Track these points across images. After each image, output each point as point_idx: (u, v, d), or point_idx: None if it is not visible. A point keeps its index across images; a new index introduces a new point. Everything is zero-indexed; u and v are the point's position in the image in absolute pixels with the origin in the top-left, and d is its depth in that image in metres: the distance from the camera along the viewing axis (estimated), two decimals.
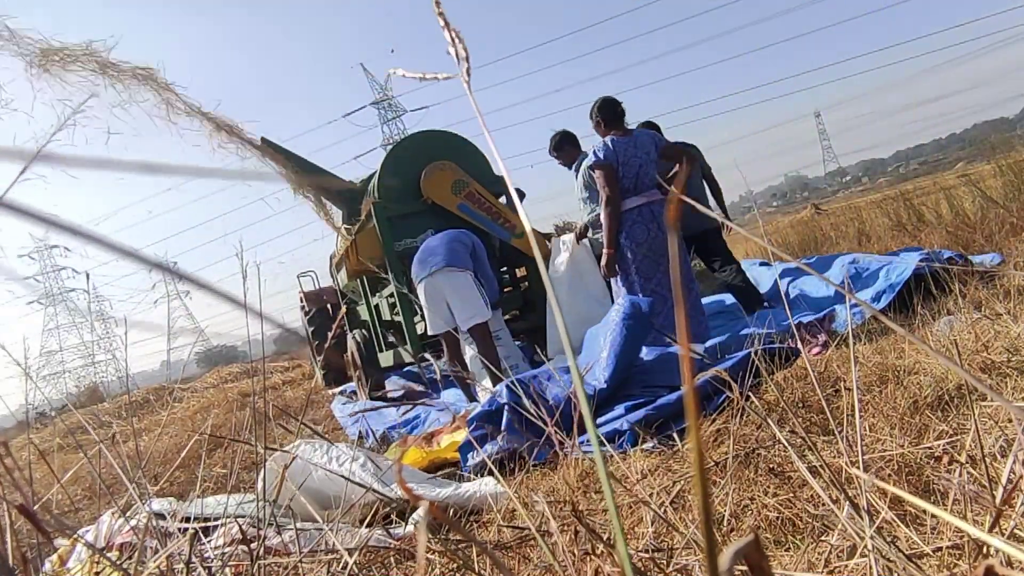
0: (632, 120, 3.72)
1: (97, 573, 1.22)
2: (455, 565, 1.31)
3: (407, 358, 4.98)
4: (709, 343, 3.40)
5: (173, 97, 4.80)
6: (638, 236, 3.45)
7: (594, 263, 4.31)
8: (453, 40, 0.45)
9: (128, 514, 1.45)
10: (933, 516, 1.08)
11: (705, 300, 4.59)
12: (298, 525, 1.41)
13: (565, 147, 4.34)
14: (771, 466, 1.49)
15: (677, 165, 3.61)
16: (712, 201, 4.50)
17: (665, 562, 1.07)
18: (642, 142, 3.47)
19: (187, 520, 1.53)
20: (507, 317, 4.94)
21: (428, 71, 0.50)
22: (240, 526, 1.16)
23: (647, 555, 1.10)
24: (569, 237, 4.62)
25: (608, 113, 3.53)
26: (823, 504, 1.23)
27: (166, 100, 4.76)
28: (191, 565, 1.03)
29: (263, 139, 5.57)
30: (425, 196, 4.69)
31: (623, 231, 3.48)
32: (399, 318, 4.69)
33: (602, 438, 1.62)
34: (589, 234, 4.47)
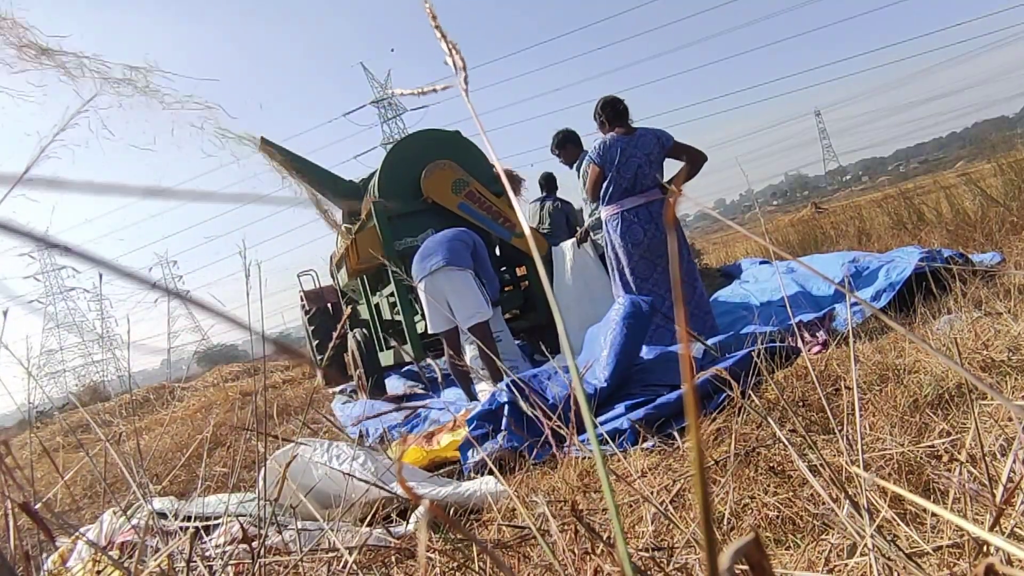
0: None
1: (98, 572, 1.22)
2: (455, 564, 1.31)
3: (407, 357, 4.98)
4: (710, 341, 3.40)
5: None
6: (636, 237, 3.44)
7: (598, 265, 4.31)
8: (451, 51, 0.46)
9: (129, 513, 1.45)
10: (933, 515, 1.08)
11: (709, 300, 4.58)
12: (299, 524, 1.41)
13: (567, 146, 4.34)
14: (771, 465, 1.49)
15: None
16: None
17: (665, 561, 1.07)
18: (644, 142, 3.45)
19: (188, 519, 1.53)
20: (507, 316, 4.95)
21: (426, 84, 0.51)
22: (241, 525, 1.16)
23: (647, 554, 1.10)
24: (570, 243, 4.62)
25: (610, 112, 3.52)
26: (823, 503, 1.23)
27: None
28: (192, 564, 1.04)
29: (263, 139, 5.58)
30: (425, 195, 4.69)
31: (621, 231, 3.47)
32: (399, 317, 4.69)
33: (605, 435, 1.62)
34: (591, 236, 4.47)
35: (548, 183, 5.66)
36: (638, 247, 3.44)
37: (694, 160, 3.49)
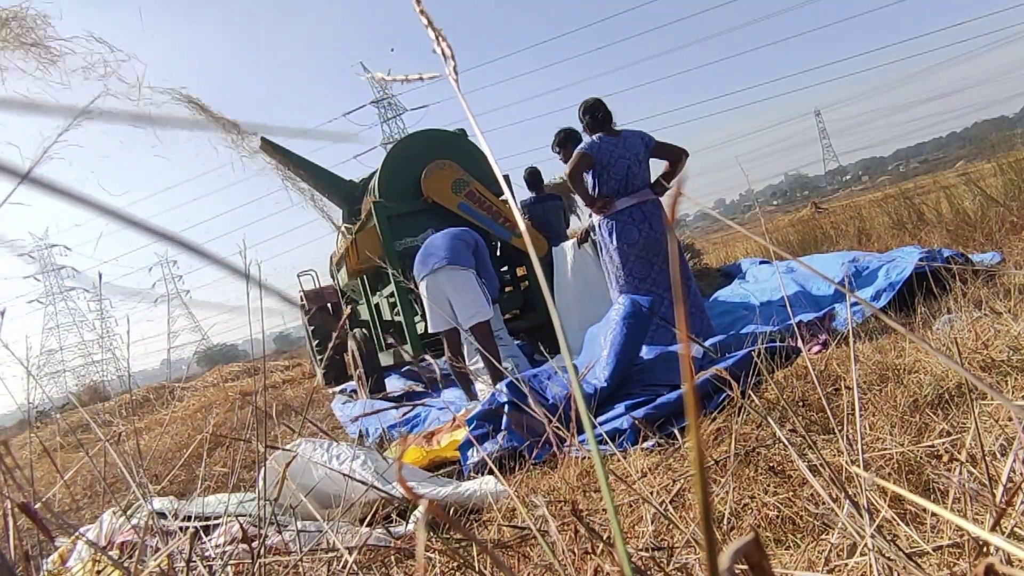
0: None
1: (98, 572, 1.22)
2: (455, 564, 1.31)
3: (407, 357, 4.98)
4: (709, 341, 3.40)
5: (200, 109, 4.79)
6: (631, 237, 3.44)
7: (599, 265, 4.32)
8: (437, 39, 0.45)
9: (129, 513, 1.45)
10: (933, 515, 1.08)
11: (709, 300, 4.59)
12: (298, 524, 1.41)
13: (568, 145, 4.34)
14: (771, 465, 1.49)
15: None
16: None
17: (665, 561, 1.07)
18: (631, 143, 3.46)
19: (188, 519, 1.53)
20: (507, 316, 4.94)
21: (412, 72, 0.50)
22: (241, 525, 1.16)
23: (647, 554, 1.10)
24: (570, 243, 4.62)
25: (589, 120, 3.54)
26: (823, 503, 1.23)
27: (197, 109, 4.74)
28: (192, 563, 1.04)
29: (263, 139, 5.58)
30: (425, 195, 4.69)
31: (616, 232, 3.47)
32: (399, 317, 4.69)
33: (604, 435, 1.62)
34: (591, 237, 4.46)
35: (533, 180, 5.58)
36: (634, 247, 3.44)
37: (678, 157, 3.50)
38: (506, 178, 5.28)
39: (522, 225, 0.44)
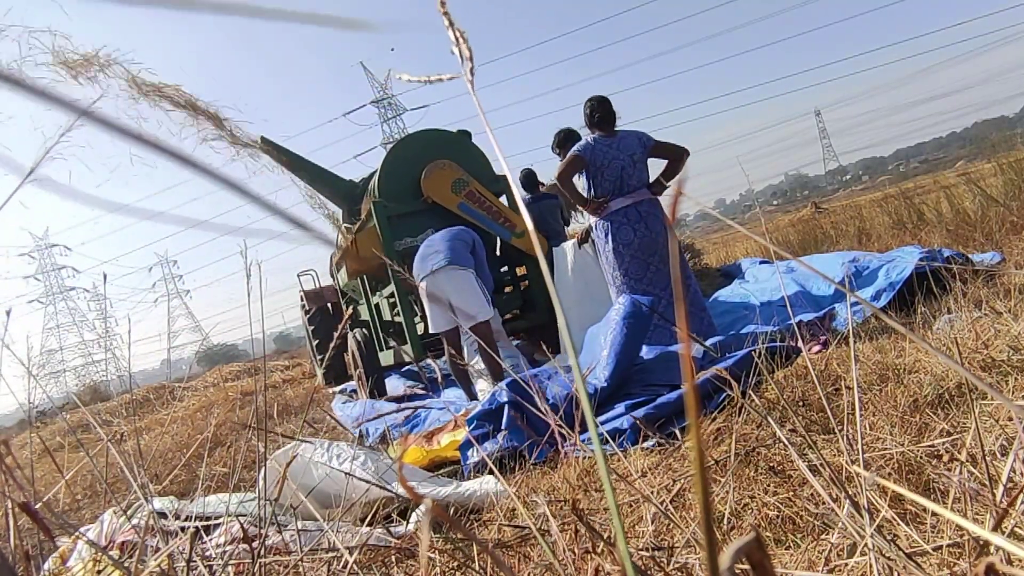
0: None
1: (99, 571, 1.22)
2: (455, 563, 1.31)
3: (407, 357, 4.98)
4: (710, 341, 3.39)
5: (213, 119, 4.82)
6: (625, 238, 3.43)
7: (599, 266, 4.32)
8: (457, 40, 0.44)
9: (130, 512, 1.46)
10: (933, 514, 1.08)
11: (709, 300, 4.58)
12: (298, 524, 1.41)
13: (568, 145, 4.34)
14: (771, 464, 1.49)
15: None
16: None
17: (665, 560, 1.07)
18: (626, 144, 3.47)
19: (188, 519, 1.53)
20: (507, 316, 4.94)
21: (432, 73, 0.49)
22: (241, 524, 1.16)
23: (647, 553, 1.10)
24: (571, 244, 4.63)
25: (589, 117, 3.55)
26: (823, 503, 1.24)
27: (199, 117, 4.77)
28: (192, 563, 1.04)
29: (263, 138, 5.58)
30: (425, 195, 4.69)
31: (612, 233, 3.47)
32: (399, 318, 4.69)
33: (606, 435, 1.62)
34: (592, 236, 4.46)
35: (529, 181, 5.57)
36: (629, 247, 3.43)
37: (678, 156, 3.50)
38: (526, 174, 5.37)
39: (530, 226, 0.44)
